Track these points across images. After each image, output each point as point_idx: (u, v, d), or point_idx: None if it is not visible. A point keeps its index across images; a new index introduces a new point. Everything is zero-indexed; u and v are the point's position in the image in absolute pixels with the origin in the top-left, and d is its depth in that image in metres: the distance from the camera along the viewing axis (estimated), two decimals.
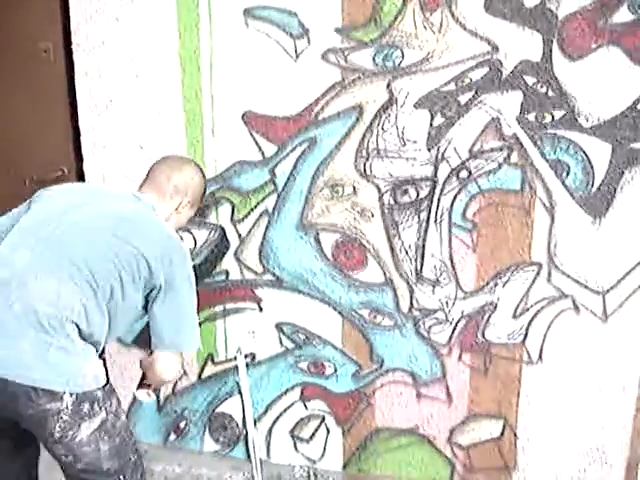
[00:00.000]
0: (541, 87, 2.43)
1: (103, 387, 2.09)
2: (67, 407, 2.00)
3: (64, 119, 2.89)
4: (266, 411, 3.00)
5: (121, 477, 2.18)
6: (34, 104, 2.93)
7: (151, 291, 2.13)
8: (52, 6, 2.78)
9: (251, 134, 2.69)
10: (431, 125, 2.54)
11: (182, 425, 3.10)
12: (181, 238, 2.62)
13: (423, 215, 2.63)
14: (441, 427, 2.86)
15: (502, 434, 2.81)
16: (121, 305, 2.10)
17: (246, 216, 2.78)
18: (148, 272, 2.08)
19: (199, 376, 3.01)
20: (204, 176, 2.46)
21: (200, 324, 2.72)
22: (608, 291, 2.57)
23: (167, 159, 2.41)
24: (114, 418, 2.13)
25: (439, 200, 2.60)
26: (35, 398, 1.95)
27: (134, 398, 3.00)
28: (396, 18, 2.47)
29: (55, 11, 2.79)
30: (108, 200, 2.20)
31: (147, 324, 2.22)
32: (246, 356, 2.91)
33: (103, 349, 2.19)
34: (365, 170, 2.62)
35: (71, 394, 2.00)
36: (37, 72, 2.89)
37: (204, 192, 2.46)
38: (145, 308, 2.20)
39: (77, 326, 2.01)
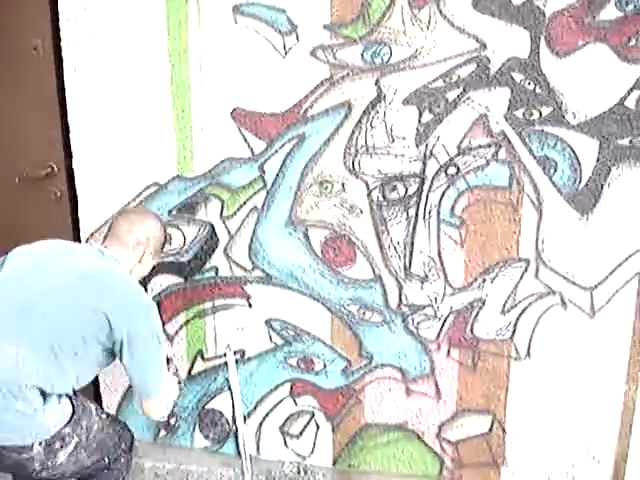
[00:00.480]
0: (529, 84, 2.44)
1: (69, 420, 2.17)
2: (39, 452, 2.12)
3: (54, 116, 2.88)
4: (256, 407, 3.01)
5: (105, 459, 2.32)
6: (24, 101, 2.92)
7: (114, 343, 2.18)
8: (41, 3, 2.77)
9: (240, 131, 2.69)
10: (419, 122, 2.55)
11: (172, 421, 3.10)
12: (145, 289, 2.76)
13: (412, 211, 2.63)
14: (430, 423, 2.87)
15: (491, 429, 2.83)
16: (85, 360, 2.18)
17: (235, 212, 2.78)
18: (109, 330, 2.14)
19: (189, 372, 3.01)
20: (163, 225, 2.53)
21: (189, 321, 2.77)
22: (596, 287, 2.58)
23: (128, 213, 2.53)
24: (87, 433, 2.24)
25: (427, 196, 2.61)
26: (6, 454, 2.07)
27: (124, 394, 3.01)
28: (384, 15, 2.48)
29: (44, 8, 2.78)
30: (72, 258, 2.25)
31: None
32: (235, 352, 2.91)
33: None
34: (354, 166, 2.63)
35: (40, 442, 2.10)
36: (26, 69, 2.88)
37: (164, 241, 2.54)
38: (112, 354, 2.26)
39: (39, 388, 2.09)
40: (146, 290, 2.91)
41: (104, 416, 2.39)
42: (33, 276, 2.17)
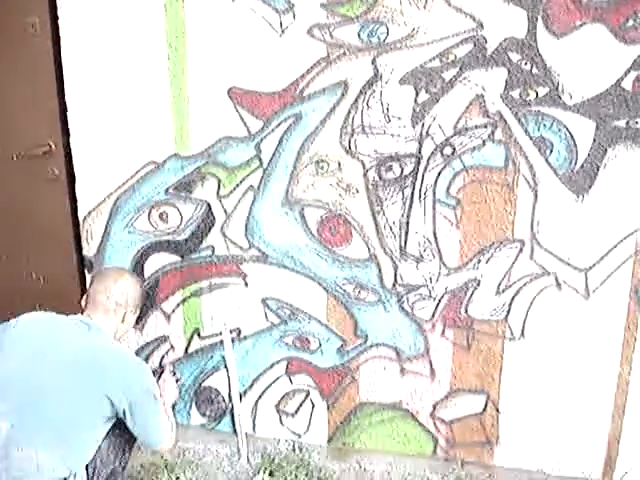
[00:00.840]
0: (525, 64, 2.44)
1: None
2: None
3: (51, 94, 2.89)
4: (252, 385, 3.03)
5: None
6: (21, 79, 2.93)
7: (117, 414, 2.33)
8: None
9: (237, 109, 2.69)
10: (416, 101, 2.55)
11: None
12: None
13: (407, 191, 2.64)
14: (424, 402, 2.89)
15: (484, 409, 2.85)
16: (94, 438, 2.33)
17: (232, 192, 2.79)
18: (112, 407, 2.29)
19: (186, 350, 3.03)
20: (138, 281, 2.63)
21: (186, 299, 2.79)
22: (590, 268, 2.59)
23: (101, 277, 2.56)
24: None
25: (423, 176, 2.61)
26: None
27: None
28: None
29: None
30: (64, 345, 2.32)
31: None
32: (232, 331, 2.93)
33: None
34: (350, 146, 2.63)
35: None
36: (24, 47, 2.89)
37: (142, 294, 2.63)
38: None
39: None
40: (143, 269, 2.92)
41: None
42: (32, 372, 2.25)
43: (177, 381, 2.90)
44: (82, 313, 2.46)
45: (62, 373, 2.25)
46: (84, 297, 2.51)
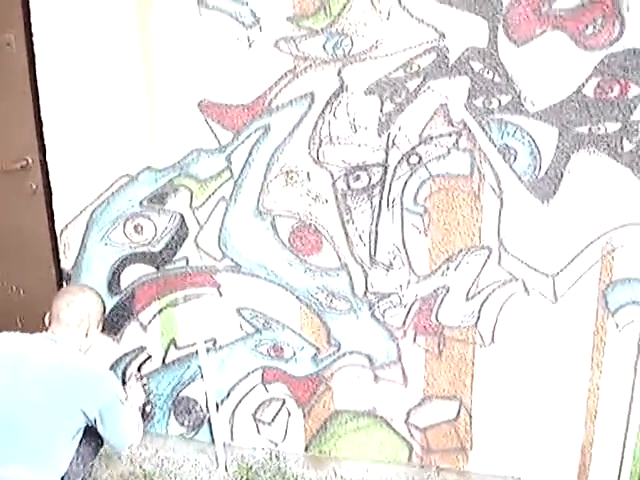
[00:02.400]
0: (487, 73, 2.47)
1: None
2: None
3: (27, 110, 2.93)
4: (228, 395, 3.06)
5: None
6: None
7: (88, 422, 2.42)
8: None
9: (207, 122, 2.73)
10: (381, 111, 2.58)
11: (148, 409, 3.15)
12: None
13: (375, 200, 2.67)
14: (398, 409, 2.91)
15: (458, 415, 2.86)
16: (70, 448, 2.41)
17: (204, 203, 2.83)
18: (85, 417, 2.39)
19: (163, 360, 3.06)
20: (99, 296, 2.72)
21: (162, 310, 2.83)
22: (558, 274, 2.61)
23: (63, 294, 2.66)
24: None
25: (391, 185, 2.64)
26: None
27: None
28: (345, 6, 2.51)
29: (16, 3, 2.82)
30: (33, 358, 2.40)
31: None
32: (207, 341, 2.96)
33: None
34: (318, 156, 2.67)
35: None
36: (0, 64, 2.92)
37: (104, 309, 2.73)
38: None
39: None
40: (119, 281, 2.96)
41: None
42: (3, 389, 2.32)
43: (144, 385, 2.93)
44: (46, 330, 2.50)
45: (34, 389, 2.31)
46: (47, 315, 2.57)
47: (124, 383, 2.73)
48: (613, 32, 2.34)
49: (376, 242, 2.71)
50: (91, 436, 2.47)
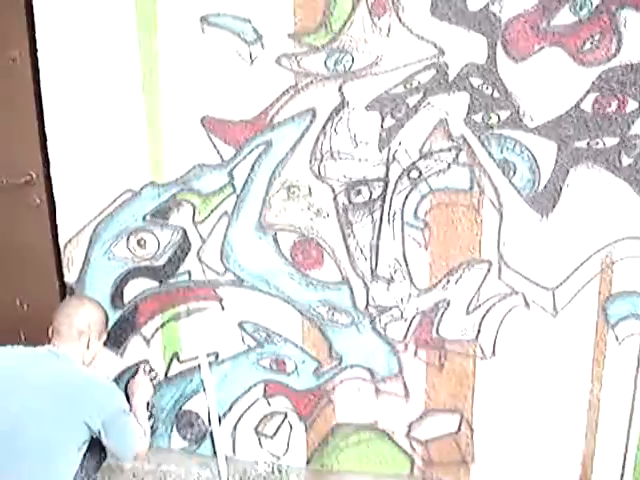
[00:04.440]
0: (486, 88, 2.50)
1: None
2: None
3: (32, 125, 2.96)
4: (231, 408, 3.06)
5: None
6: (3, 111, 3.00)
7: (92, 434, 2.43)
8: (18, 14, 2.85)
9: (210, 137, 2.76)
10: (382, 127, 2.61)
11: (150, 423, 3.15)
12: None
13: (376, 215, 2.69)
14: (399, 422, 2.92)
15: (459, 428, 2.87)
16: (73, 462, 2.42)
17: (207, 217, 2.85)
18: (88, 429, 2.40)
19: (165, 374, 3.07)
20: (100, 305, 2.74)
21: (165, 324, 2.85)
22: (557, 287, 2.63)
23: (64, 307, 2.68)
24: None
25: (391, 200, 2.67)
26: None
27: None
28: (345, 23, 2.54)
29: (21, 19, 2.86)
30: (36, 371, 2.42)
31: None
32: (209, 355, 2.97)
33: None
34: (319, 171, 2.69)
35: None
36: (5, 80, 2.96)
37: (106, 320, 2.74)
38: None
39: None
40: (122, 295, 2.98)
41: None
42: (7, 402, 2.33)
43: (152, 379, 2.96)
44: (50, 343, 2.52)
45: (38, 401, 2.32)
46: (49, 329, 2.59)
47: (127, 396, 2.73)
48: (610, 48, 2.37)
49: (377, 256, 2.73)
50: (94, 449, 2.48)
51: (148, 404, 2.89)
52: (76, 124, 2.88)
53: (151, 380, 2.95)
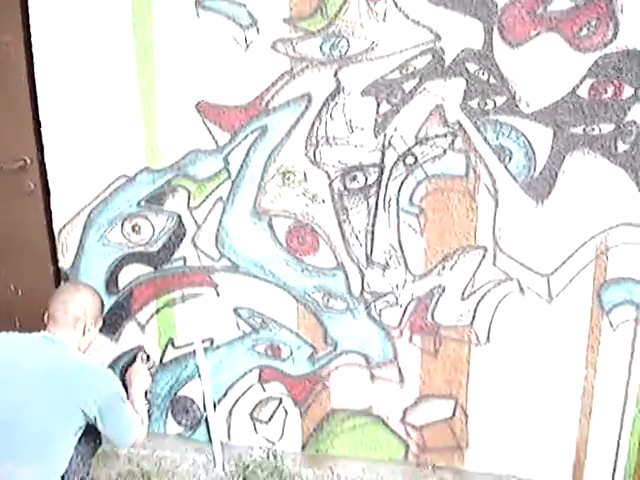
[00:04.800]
0: (483, 74, 2.49)
1: None
2: None
3: (26, 110, 2.94)
4: (226, 394, 3.07)
5: None
6: None
7: (88, 420, 2.43)
8: (12, 0, 2.83)
9: (205, 123, 2.75)
10: (377, 112, 2.60)
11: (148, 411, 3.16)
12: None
13: (372, 200, 2.69)
14: (394, 408, 2.93)
15: (454, 414, 2.88)
16: (68, 448, 2.42)
17: (202, 203, 2.84)
18: (84, 415, 2.39)
19: (160, 360, 3.07)
20: (95, 292, 2.72)
21: (160, 309, 2.84)
22: (552, 273, 2.63)
23: (58, 294, 2.66)
24: None
25: (387, 186, 2.66)
26: None
27: None
28: (341, 8, 2.53)
29: (15, 5, 2.84)
30: (32, 357, 2.42)
31: None
32: (204, 341, 2.97)
33: None
34: (315, 157, 2.69)
35: None
36: None
37: (102, 306, 2.73)
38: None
39: None
40: (117, 281, 2.98)
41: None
42: (3, 389, 2.34)
43: (150, 368, 2.96)
44: (45, 329, 2.52)
45: (34, 388, 2.32)
46: (45, 315, 2.58)
47: (124, 385, 2.73)
48: (607, 34, 2.37)
49: (372, 242, 2.73)
50: (90, 435, 2.48)
51: (146, 393, 2.88)
52: (70, 109, 2.86)
53: (149, 369, 2.94)
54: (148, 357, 2.99)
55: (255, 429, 3.10)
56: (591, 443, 2.80)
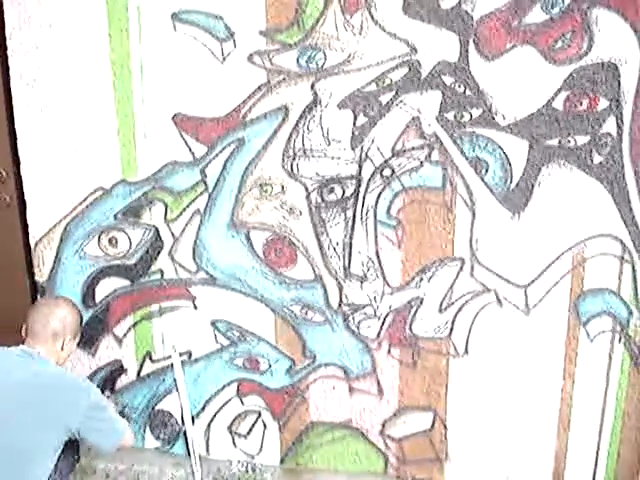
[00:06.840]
0: (459, 87, 2.50)
1: None
2: None
3: (2, 122, 2.92)
4: (204, 407, 3.05)
5: None
6: None
7: (72, 434, 2.38)
8: None
9: (181, 135, 2.74)
10: (354, 125, 2.60)
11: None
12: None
13: (349, 213, 2.68)
14: (373, 420, 2.92)
15: (432, 426, 2.88)
16: (49, 462, 2.36)
17: (179, 216, 2.83)
18: (66, 429, 2.35)
19: (138, 374, 3.05)
20: (75, 306, 2.66)
21: (137, 323, 2.82)
22: (529, 285, 2.64)
23: (38, 307, 2.61)
24: None
25: (364, 198, 2.66)
26: None
27: None
28: (318, 21, 2.54)
29: None
30: (11, 372, 2.37)
31: None
32: (181, 354, 2.95)
33: None
34: (292, 169, 2.68)
35: None
36: None
37: (80, 321, 2.66)
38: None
39: None
40: (94, 294, 2.95)
41: None
42: None
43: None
44: (23, 343, 2.49)
45: (12, 403, 2.28)
46: (23, 328, 2.54)
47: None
48: (582, 46, 2.39)
49: (350, 254, 2.73)
50: (68, 450, 2.45)
51: None
52: (46, 122, 2.84)
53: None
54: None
55: (234, 443, 3.08)
56: (570, 453, 2.81)
